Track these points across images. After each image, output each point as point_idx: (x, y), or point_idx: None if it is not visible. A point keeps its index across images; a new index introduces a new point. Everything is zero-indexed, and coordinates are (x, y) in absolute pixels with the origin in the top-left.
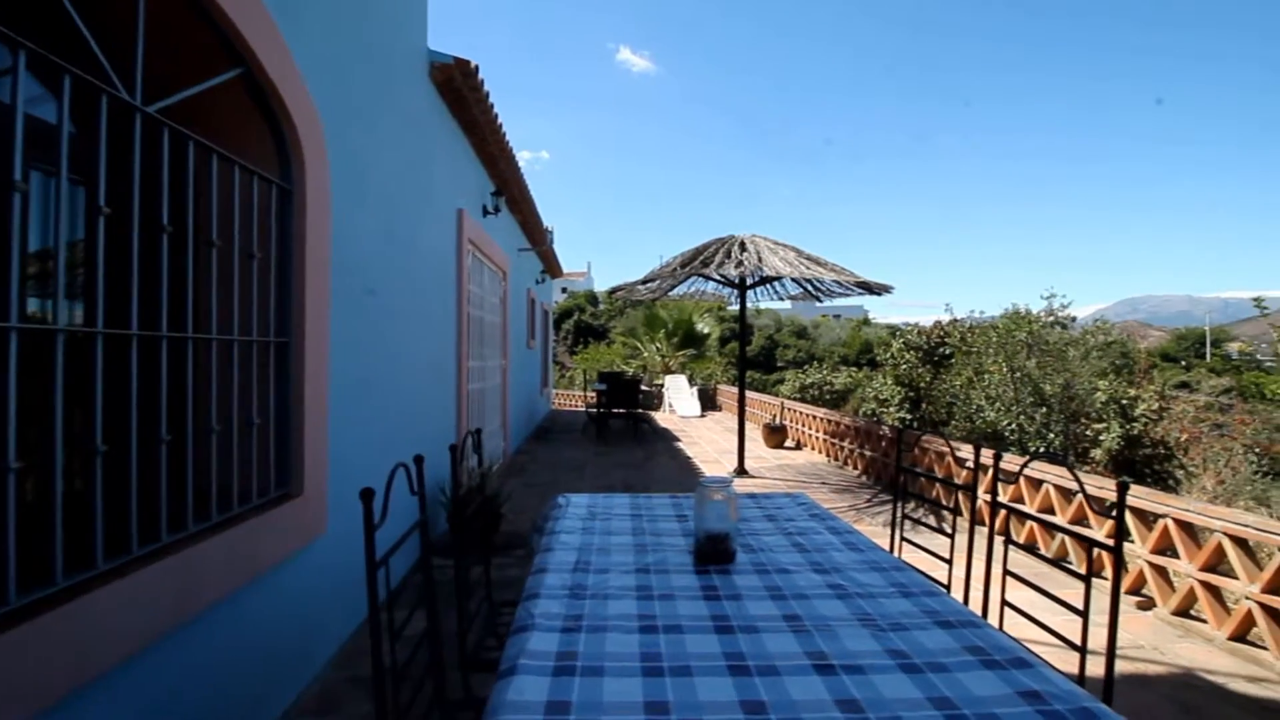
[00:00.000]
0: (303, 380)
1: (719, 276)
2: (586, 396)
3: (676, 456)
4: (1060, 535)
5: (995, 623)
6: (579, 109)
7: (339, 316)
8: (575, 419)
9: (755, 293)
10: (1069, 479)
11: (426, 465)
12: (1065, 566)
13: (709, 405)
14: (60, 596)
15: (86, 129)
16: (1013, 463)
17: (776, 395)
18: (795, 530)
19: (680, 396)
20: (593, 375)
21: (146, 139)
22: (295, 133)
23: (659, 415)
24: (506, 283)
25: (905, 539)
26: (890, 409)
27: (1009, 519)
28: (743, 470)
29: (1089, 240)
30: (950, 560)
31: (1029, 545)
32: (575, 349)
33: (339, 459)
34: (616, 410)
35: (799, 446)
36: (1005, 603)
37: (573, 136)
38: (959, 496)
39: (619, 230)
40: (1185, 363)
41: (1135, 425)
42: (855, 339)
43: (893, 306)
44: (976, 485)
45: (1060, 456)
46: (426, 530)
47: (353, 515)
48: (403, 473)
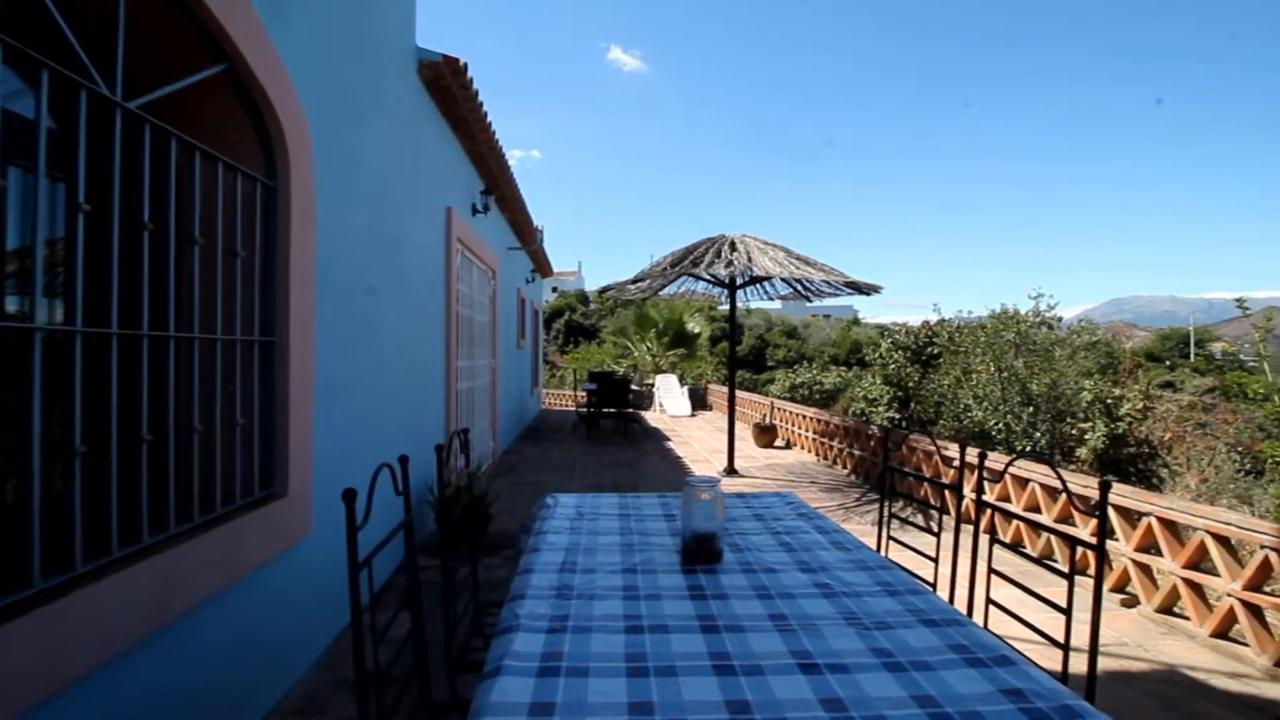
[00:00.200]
0: (288, 380)
1: (709, 276)
2: (577, 396)
3: (667, 456)
4: (1046, 533)
5: (980, 621)
6: (570, 108)
7: (325, 315)
8: (566, 418)
9: (745, 293)
10: (1055, 478)
11: (415, 465)
12: (1049, 565)
13: (700, 405)
14: (38, 599)
15: (66, 125)
16: (998, 461)
17: (767, 395)
18: (783, 529)
19: (671, 396)
20: (583, 375)
21: (127, 135)
22: (280, 130)
23: (649, 415)
24: (496, 282)
25: (892, 538)
26: (879, 408)
27: (996, 517)
28: (732, 469)
29: (1077, 241)
30: (936, 559)
31: (1015, 544)
32: (566, 348)
33: (325, 459)
34: (607, 410)
35: (789, 446)
36: (990, 601)
37: (564, 135)
38: (946, 495)
39: (610, 229)
40: (1170, 362)
41: (1120, 424)
42: (845, 339)
43: (883, 306)
44: (962, 484)
45: (1044, 455)
46: (411, 531)
47: (339, 516)
48: (390, 473)
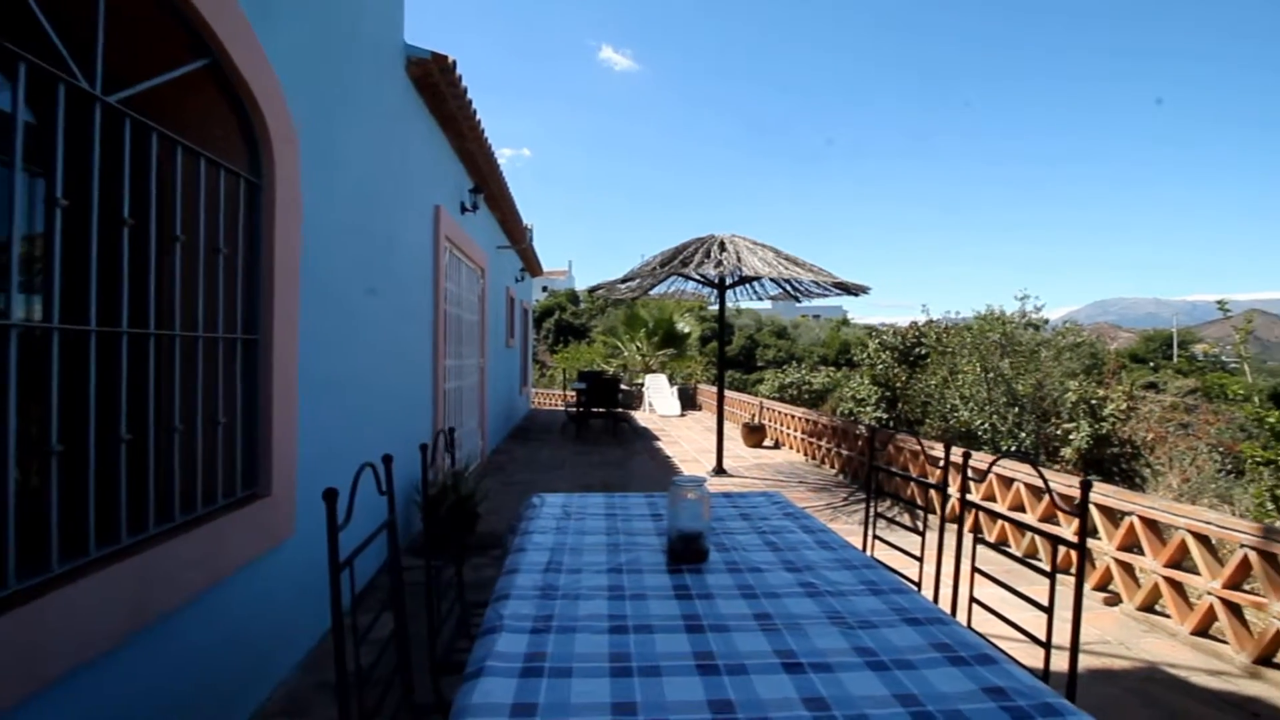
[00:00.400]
0: (271, 378)
1: (698, 276)
2: (566, 395)
3: (656, 455)
4: (1030, 533)
5: (964, 620)
6: (560, 107)
7: (310, 313)
8: (555, 418)
9: (735, 293)
10: (1039, 478)
11: (402, 465)
12: (1032, 563)
13: (689, 404)
14: (13, 600)
15: (44, 118)
16: (983, 461)
17: (756, 395)
18: (769, 529)
19: (660, 396)
20: (573, 374)
21: (107, 130)
22: (265, 126)
23: (639, 414)
24: (485, 280)
25: (878, 537)
26: (867, 408)
27: (981, 517)
28: (721, 469)
29: (1064, 242)
30: (921, 558)
31: (1000, 543)
32: (556, 348)
33: (310, 459)
34: (596, 409)
35: (777, 446)
36: (974, 600)
37: (554, 134)
38: (931, 495)
39: (601, 229)
40: (1153, 364)
41: (1104, 425)
42: (834, 339)
43: (872, 307)
44: (947, 484)
45: (1027, 455)
46: (395, 531)
47: (323, 516)
48: (373, 473)
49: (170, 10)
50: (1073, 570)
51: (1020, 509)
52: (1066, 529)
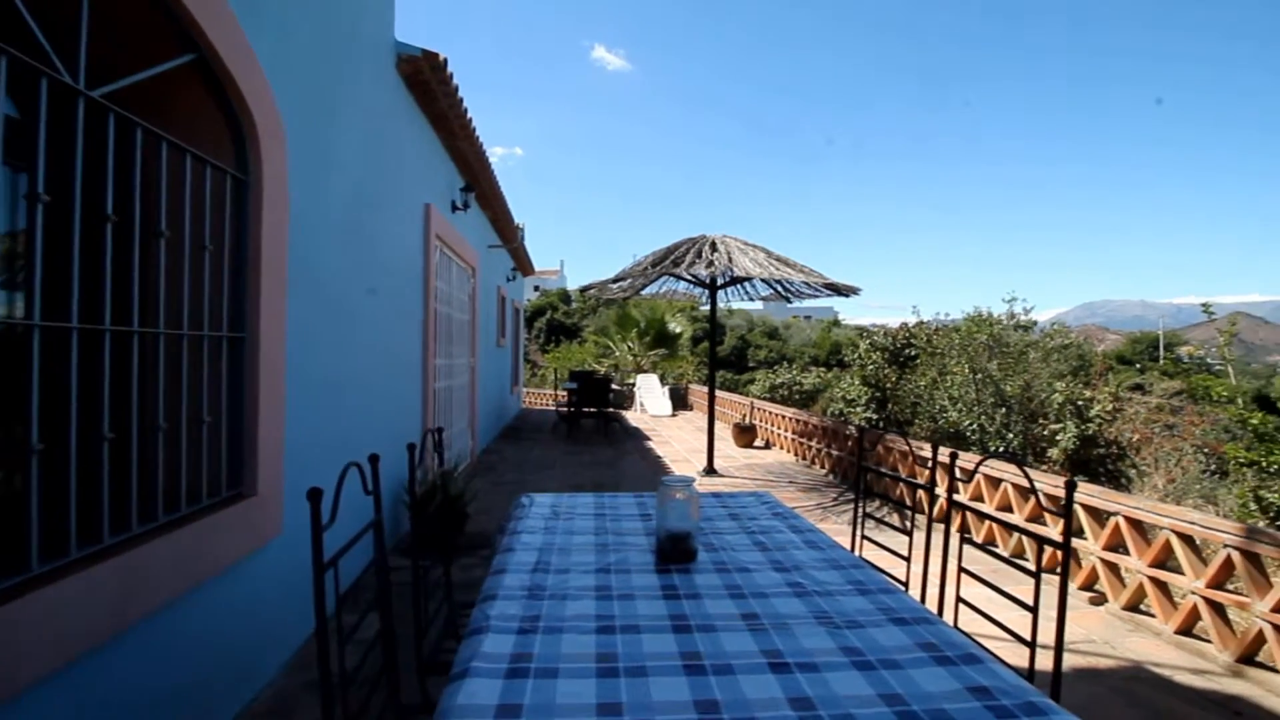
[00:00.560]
0: (258, 377)
1: (689, 276)
2: (558, 395)
3: (647, 455)
4: (1017, 533)
5: (950, 619)
6: (553, 106)
7: (298, 311)
8: (546, 418)
9: (726, 293)
10: (1025, 478)
11: (391, 465)
12: (1017, 563)
13: (680, 404)
14: None
15: (26, 113)
16: (971, 461)
17: (747, 395)
18: (758, 529)
19: (652, 396)
20: (564, 374)
21: (91, 125)
22: (252, 122)
23: (630, 414)
24: (476, 280)
25: (866, 537)
26: (857, 409)
27: (970, 517)
28: (712, 469)
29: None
30: (909, 558)
31: (988, 543)
32: (548, 347)
33: (297, 458)
34: (587, 409)
35: (768, 446)
36: (961, 599)
37: (547, 133)
38: (920, 495)
39: (593, 228)
40: (1140, 365)
41: (1090, 425)
42: (825, 340)
43: (863, 308)
44: (934, 484)
45: (1015, 455)
46: (381, 530)
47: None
48: (360, 472)
49: (156, 4)
50: (1058, 570)
51: (1008, 509)
52: (1053, 529)
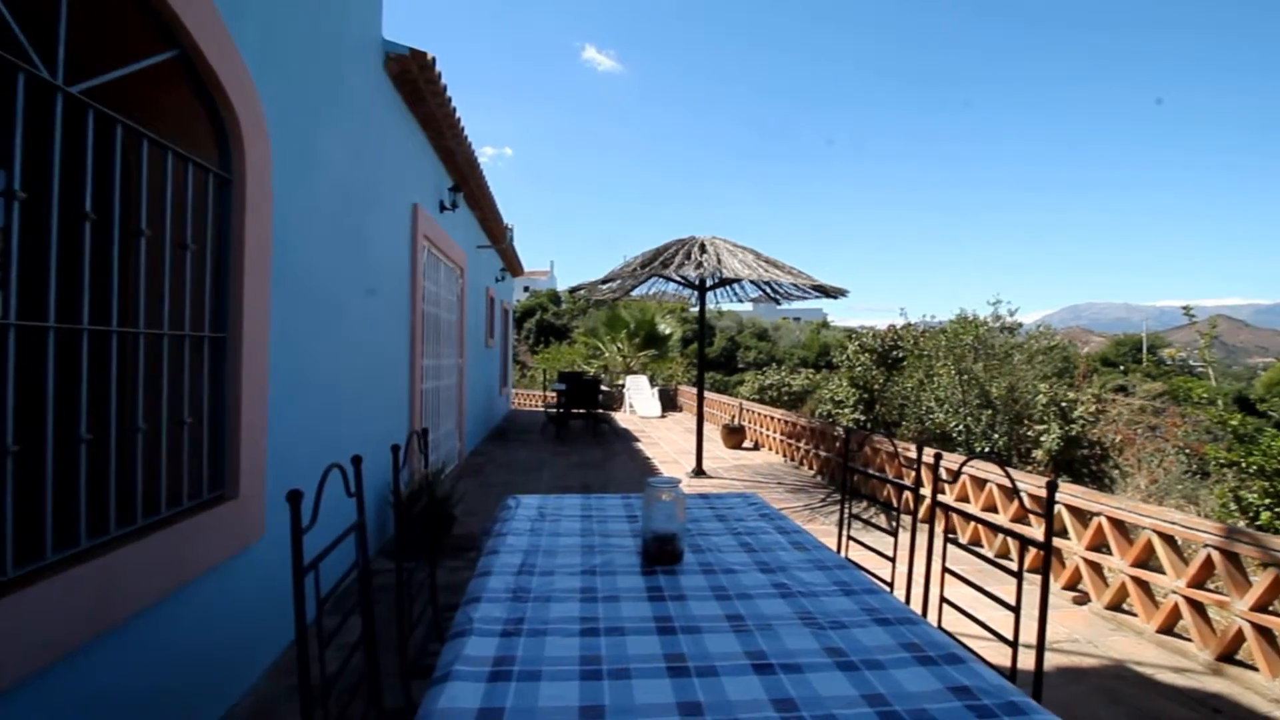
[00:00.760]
0: (240, 378)
1: (678, 278)
2: (547, 396)
3: (635, 457)
4: (1001, 534)
5: (935, 620)
6: (543, 106)
7: (281, 311)
8: (535, 419)
9: (715, 294)
10: (1008, 479)
11: (378, 466)
12: (1000, 564)
13: (670, 406)
14: None
15: (2, 108)
16: (956, 462)
17: (736, 396)
18: (744, 530)
19: (641, 397)
20: (553, 375)
21: (69, 121)
22: (235, 120)
23: (619, 415)
24: (464, 280)
25: (852, 538)
26: (845, 410)
27: (955, 518)
28: (700, 470)
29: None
30: (894, 558)
31: (973, 543)
32: (537, 348)
33: (280, 460)
34: (576, 410)
35: (757, 447)
36: (945, 600)
37: (537, 134)
38: (905, 495)
39: (583, 229)
40: (1123, 367)
41: (1074, 427)
42: (814, 341)
43: (852, 310)
44: (920, 484)
45: (999, 456)
46: (364, 533)
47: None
48: (342, 474)
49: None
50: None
51: (994, 509)
52: (1037, 529)
